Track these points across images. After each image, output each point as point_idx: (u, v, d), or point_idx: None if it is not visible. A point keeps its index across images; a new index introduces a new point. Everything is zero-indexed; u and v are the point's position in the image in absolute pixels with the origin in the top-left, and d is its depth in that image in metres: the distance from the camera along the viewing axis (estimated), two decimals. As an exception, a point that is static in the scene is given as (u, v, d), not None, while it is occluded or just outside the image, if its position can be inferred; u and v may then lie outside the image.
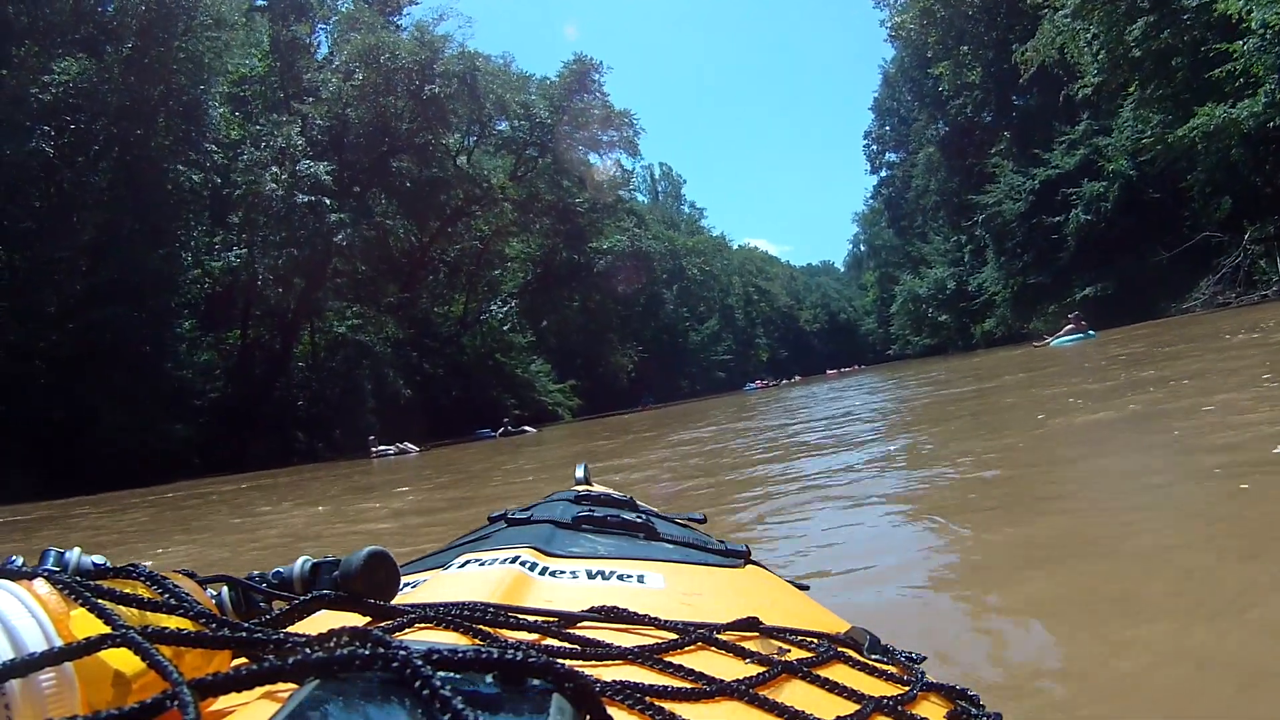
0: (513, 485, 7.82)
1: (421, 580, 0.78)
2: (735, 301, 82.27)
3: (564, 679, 0.36)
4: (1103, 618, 1.81)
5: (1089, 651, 1.64)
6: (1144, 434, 4.46)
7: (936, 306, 47.18)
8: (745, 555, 1.01)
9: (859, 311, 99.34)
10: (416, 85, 27.15)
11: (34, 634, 0.40)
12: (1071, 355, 14.13)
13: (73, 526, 8.69)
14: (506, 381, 38.36)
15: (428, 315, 36.81)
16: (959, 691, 0.67)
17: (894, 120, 62.22)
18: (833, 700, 0.56)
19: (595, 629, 0.60)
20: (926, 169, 48.41)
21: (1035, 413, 6.01)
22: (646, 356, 55.59)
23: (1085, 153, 28.39)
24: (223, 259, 25.45)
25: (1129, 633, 1.68)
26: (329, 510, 7.18)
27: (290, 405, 26.69)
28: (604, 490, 1.45)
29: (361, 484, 10.78)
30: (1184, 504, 2.77)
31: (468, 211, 35.51)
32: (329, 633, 0.39)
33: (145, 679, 0.42)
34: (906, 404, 10.48)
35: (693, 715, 0.48)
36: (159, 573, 0.52)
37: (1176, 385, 6.07)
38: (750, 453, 7.24)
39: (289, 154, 24.80)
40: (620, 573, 0.80)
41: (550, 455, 12.47)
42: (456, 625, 0.53)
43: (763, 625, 0.67)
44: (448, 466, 12.45)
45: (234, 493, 11.32)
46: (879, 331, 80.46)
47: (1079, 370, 9.96)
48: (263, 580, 0.65)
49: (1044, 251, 30.11)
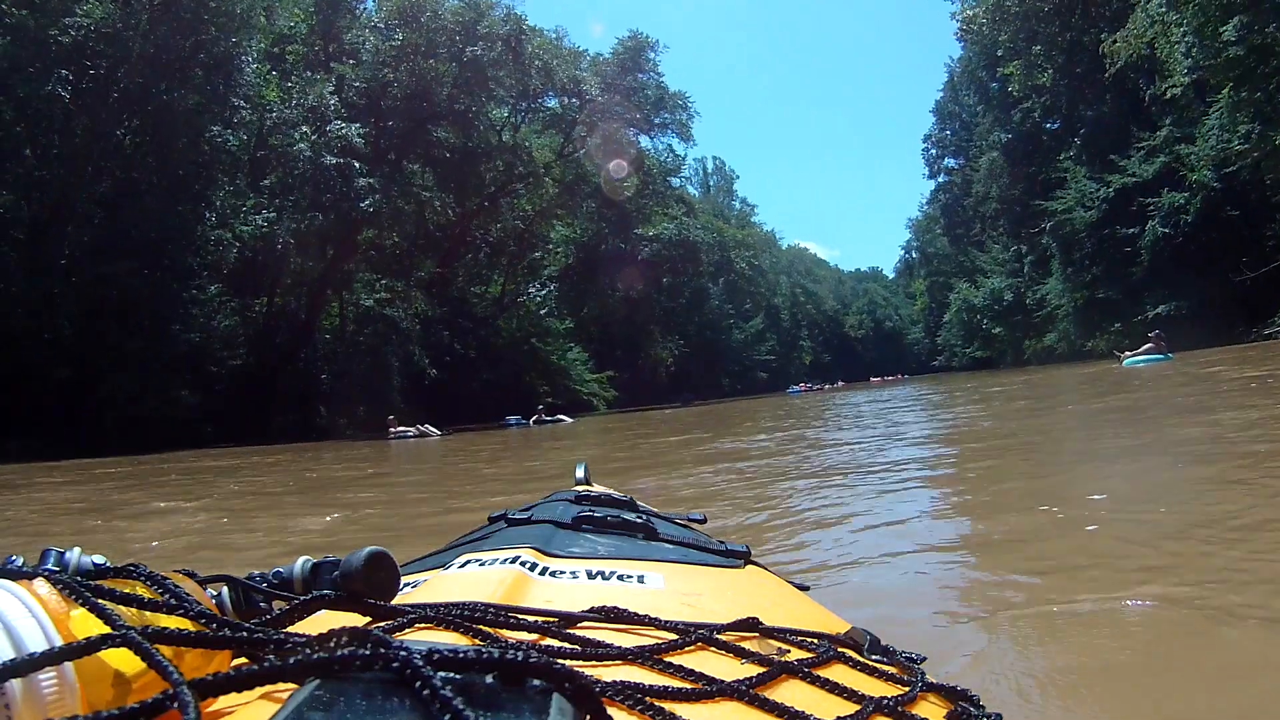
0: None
1: (421, 580, 0.78)
2: (781, 301, 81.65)
3: (564, 679, 0.36)
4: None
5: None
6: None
7: (992, 318, 45.39)
8: (745, 555, 1.00)
9: (905, 320, 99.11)
10: (458, 47, 25.98)
11: (34, 634, 0.40)
12: (1153, 377, 12.81)
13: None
14: (541, 368, 37.54)
15: (464, 294, 36.03)
16: (959, 692, 0.66)
17: (955, 125, 60.63)
18: (833, 700, 0.56)
19: (595, 629, 0.60)
20: (988, 175, 46.67)
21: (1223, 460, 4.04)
22: (688, 352, 54.96)
23: (1165, 160, 26.75)
24: (251, 223, 24.86)
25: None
26: (208, 522, 5.28)
27: (314, 379, 25.89)
28: (604, 490, 1.43)
29: (327, 479, 8.81)
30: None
31: (510, 189, 34.49)
32: (329, 633, 0.39)
33: (145, 679, 0.42)
34: (1001, 429, 7.76)
35: (693, 715, 0.49)
36: (159, 573, 0.52)
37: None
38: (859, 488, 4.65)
39: (320, 113, 23.73)
40: (620, 573, 0.79)
41: (594, 455, 10.29)
42: (456, 625, 0.54)
43: (763, 625, 0.67)
44: (460, 462, 10.56)
45: (217, 469, 10.29)
46: (925, 341, 79.32)
47: (1193, 397, 8.45)
48: (263, 580, 0.65)
49: (1115, 265, 28.45)
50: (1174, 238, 25.94)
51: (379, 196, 24.47)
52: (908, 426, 9.35)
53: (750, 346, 72.90)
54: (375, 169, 25.22)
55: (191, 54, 21.16)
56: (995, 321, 45.29)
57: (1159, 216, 26.28)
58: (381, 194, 24.74)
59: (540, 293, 37.02)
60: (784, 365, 77.90)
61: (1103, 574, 2.17)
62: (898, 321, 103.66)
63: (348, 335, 28.36)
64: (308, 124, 23.25)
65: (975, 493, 4.04)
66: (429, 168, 29.16)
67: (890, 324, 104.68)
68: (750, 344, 72.83)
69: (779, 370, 75.19)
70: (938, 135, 63.20)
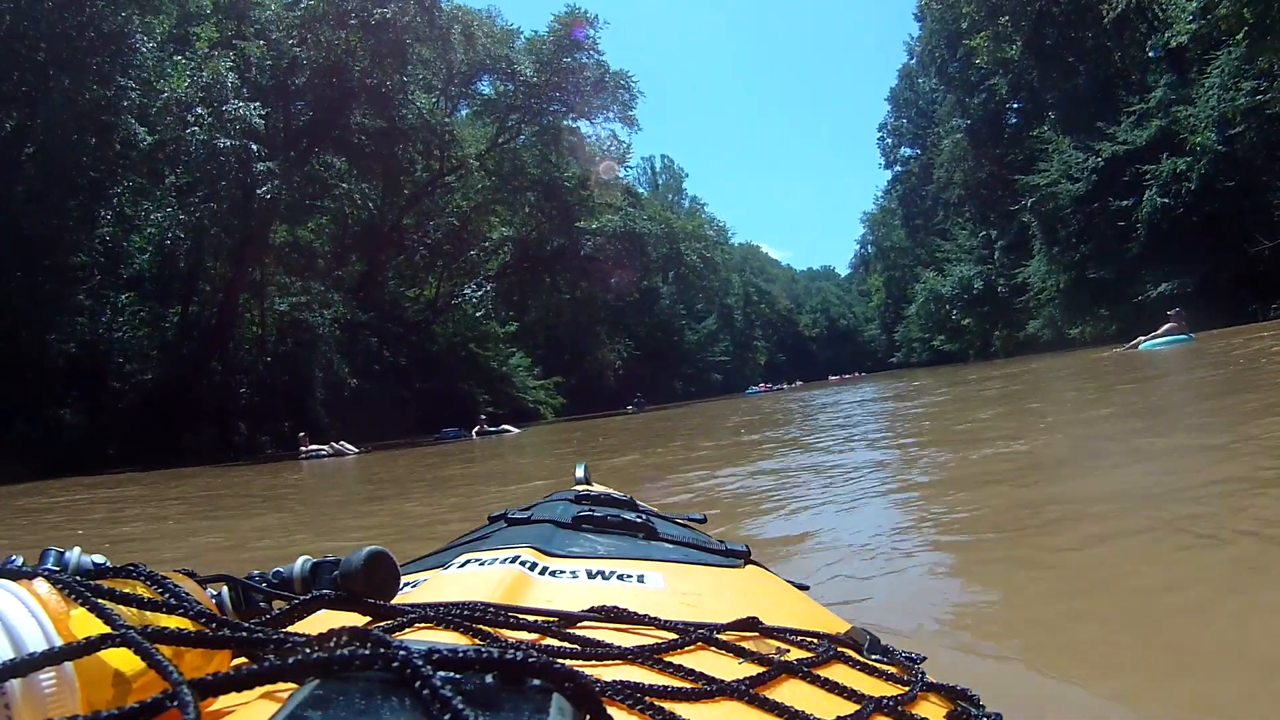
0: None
1: (421, 580, 0.78)
2: (734, 301, 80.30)
3: (564, 679, 0.36)
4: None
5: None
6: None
7: (961, 308, 42.83)
8: (745, 555, 0.99)
9: (859, 318, 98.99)
10: (368, 10, 22.88)
11: (34, 634, 0.40)
12: (1177, 361, 11.23)
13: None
14: (480, 375, 35.53)
15: (397, 298, 33.60)
16: (959, 691, 0.66)
17: (912, 112, 59.00)
18: (832, 700, 0.56)
19: (595, 629, 0.61)
20: (951, 159, 44.32)
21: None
22: (639, 355, 53.14)
23: (1162, 124, 24.22)
24: (153, 220, 22.30)
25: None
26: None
27: (232, 392, 23.78)
28: (604, 490, 1.43)
29: (166, 516, 6.97)
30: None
31: (443, 183, 31.58)
32: (329, 633, 0.39)
33: (145, 679, 0.42)
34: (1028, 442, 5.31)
35: (693, 715, 0.49)
36: (159, 572, 0.52)
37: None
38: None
39: (217, 92, 20.69)
40: (620, 573, 0.79)
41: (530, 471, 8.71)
42: (456, 625, 0.54)
43: (762, 625, 0.67)
44: (354, 491, 8.66)
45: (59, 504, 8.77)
46: (881, 338, 78.36)
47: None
48: (263, 580, 0.65)
49: (1107, 241, 25.82)
50: (1174, 208, 23.41)
51: (278, 183, 21.50)
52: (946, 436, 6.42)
53: (704, 348, 71.62)
54: (281, 155, 22.32)
55: (79, 32, 18.87)
56: (965, 312, 42.78)
57: (1156, 185, 23.74)
58: (282, 180, 21.75)
59: (476, 294, 33.84)
60: (739, 366, 76.53)
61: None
62: (852, 320, 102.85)
63: (269, 344, 26.08)
64: (203, 105, 20.37)
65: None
66: (346, 156, 26.00)
67: (845, 322, 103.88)
68: (704, 345, 71.57)
69: (734, 371, 73.83)
70: (893, 124, 61.48)
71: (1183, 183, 23.10)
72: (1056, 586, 2.07)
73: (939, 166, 47.17)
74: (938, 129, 50.88)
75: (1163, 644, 1.59)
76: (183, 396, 21.51)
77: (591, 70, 33.24)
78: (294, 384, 24.71)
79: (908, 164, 60.30)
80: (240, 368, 24.78)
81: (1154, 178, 23.79)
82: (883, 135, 62.79)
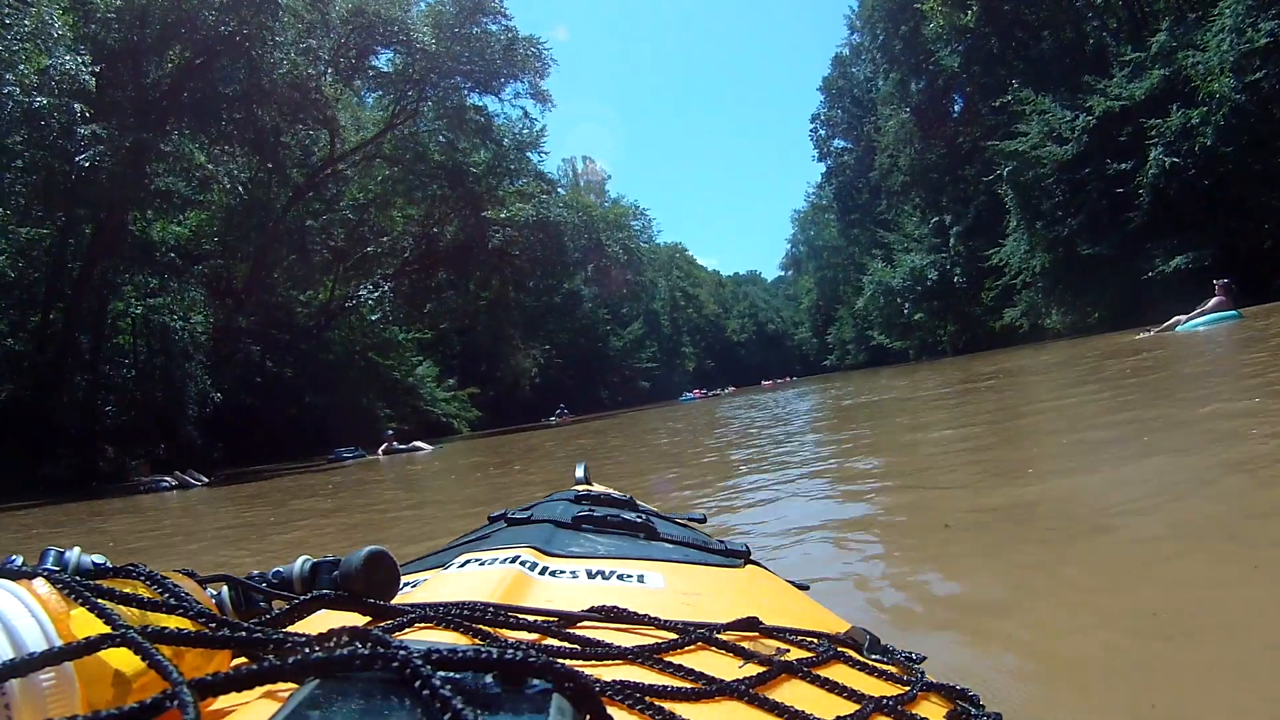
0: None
1: (421, 580, 0.78)
2: (661, 306, 78.02)
3: (564, 679, 0.36)
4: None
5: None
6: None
7: (913, 301, 39.27)
8: (745, 555, 0.99)
9: (788, 322, 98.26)
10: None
11: (34, 634, 0.40)
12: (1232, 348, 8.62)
13: None
14: (381, 386, 32.60)
15: (289, 302, 29.72)
16: (959, 691, 0.66)
17: (846, 101, 55.79)
18: (833, 700, 0.57)
19: (595, 629, 0.61)
20: (896, 141, 40.89)
21: None
22: (560, 362, 49.69)
23: (1165, 74, 20.84)
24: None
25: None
26: None
27: (97, 412, 21.41)
28: (604, 490, 1.41)
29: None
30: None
31: (336, 171, 27.64)
32: (329, 633, 0.40)
33: (145, 679, 0.42)
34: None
35: (693, 715, 0.49)
36: (159, 572, 0.52)
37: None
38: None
39: (41, 43, 16.79)
40: (620, 572, 0.79)
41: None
42: (456, 625, 0.54)
43: (763, 625, 0.67)
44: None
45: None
46: (813, 341, 75.81)
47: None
48: (263, 580, 0.65)
49: (1101, 212, 22.35)
50: (1183, 168, 19.99)
51: (103, 149, 17.68)
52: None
53: (630, 354, 69.64)
54: (118, 121, 18.57)
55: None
56: (916, 306, 39.28)
57: (1163, 143, 20.29)
58: (108, 147, 17.86)
59: (373, 295, 29.48)
60: (667, 373, 74.49)
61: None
62: (780, 323, 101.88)
63: (139, 357, 23.58)
64: (24, 61, 16.62)
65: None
66: (207, 129, 21.62)
67: (773, 326, 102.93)
68: (630, 351, 69.55)
69: (662, 379, 71.90)
70: (826, 114, 58.38)
71: (1196, 138, 19.74)
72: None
73: (882, 151, 43.90)
74: (875, 117, 47.82)
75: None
76: (36, 420, 19.01)
77: (498, 39, 28.99)
78: (167, 400, 22.38)
79: (842, 156, 57.25)
80: (110, 384, 22.44)
81: (1159, 134, 20.38)
82: (815, 127, 60.00)
